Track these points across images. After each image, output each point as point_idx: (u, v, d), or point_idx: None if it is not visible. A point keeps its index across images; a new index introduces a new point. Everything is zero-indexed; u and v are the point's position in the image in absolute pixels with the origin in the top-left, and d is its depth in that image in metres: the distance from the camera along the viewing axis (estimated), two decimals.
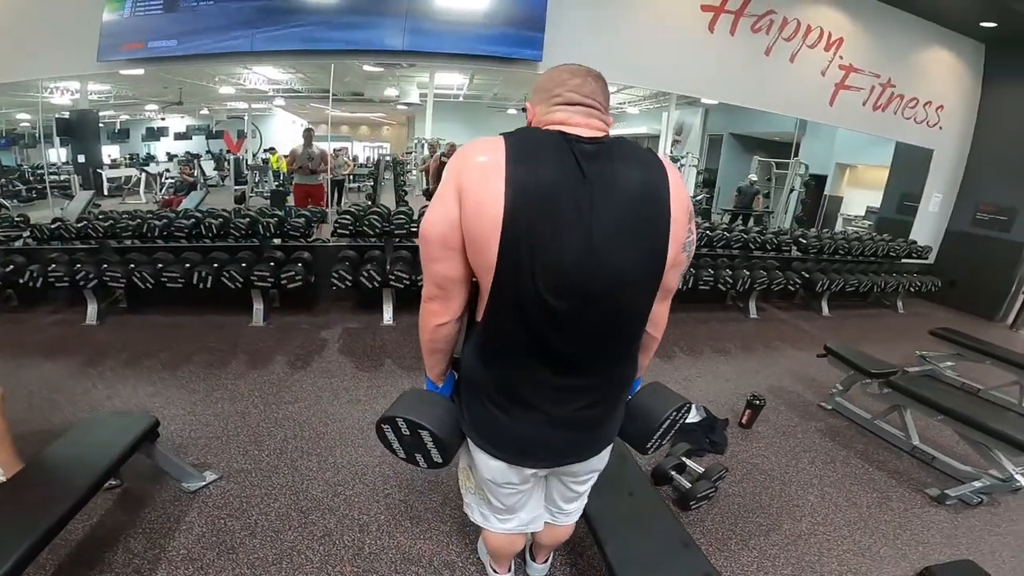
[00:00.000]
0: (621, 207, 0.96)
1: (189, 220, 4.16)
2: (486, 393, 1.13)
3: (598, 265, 0.96)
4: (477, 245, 0.96)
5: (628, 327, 1.10)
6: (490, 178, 0.93)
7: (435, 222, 1.00)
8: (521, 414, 1.11)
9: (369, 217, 4.17)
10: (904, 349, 4.50)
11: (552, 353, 1.05)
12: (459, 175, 0.96)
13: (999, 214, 5.91)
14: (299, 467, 2.38)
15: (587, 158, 0.96)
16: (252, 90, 10.09)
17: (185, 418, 2.71)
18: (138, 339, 3.65)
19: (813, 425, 3.10)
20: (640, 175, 1.00)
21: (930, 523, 2.33)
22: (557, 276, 0.95)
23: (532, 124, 1.09)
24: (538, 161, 0.95)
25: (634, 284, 1.02)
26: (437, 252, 1.02)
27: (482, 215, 0.93)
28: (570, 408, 1.12)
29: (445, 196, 0.98)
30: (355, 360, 3.52)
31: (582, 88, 1.04)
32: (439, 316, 1.10)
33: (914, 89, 5.89)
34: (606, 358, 1.11)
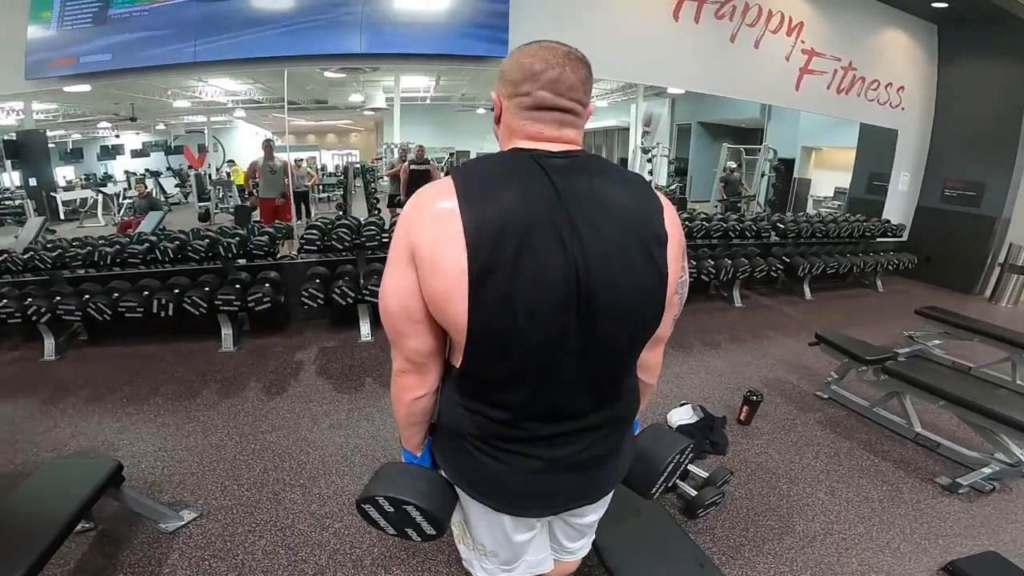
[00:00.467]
0: (607, 225, 0.81)
1: (143, 245, 3.89)
2: (472, 443, 0.97)
3: (589, 299, 0.81)
4: (441, 306, 0.82)
5: (625, 357, 0.95)
6: (443, 227, 0.78)
7: (392, 293, 0.86)
8: (515, 461, 0.96)
9: (337, 231, 3.98)
10: (890, 329, 4.51)
11: (543, 399, 0.90)
12: (408, 233, 0.82)
13: (967, 189, 6.03)
14: (283, 500, 2.23)
15: (559, 173, 0.81)
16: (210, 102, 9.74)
17: (156, 454, 2.55)
18: (101, 373, 3.44)
19: (812, 417, 3.04)
20: (626, 191, 0.85)
21: (945, 514, 2.26)
22: (543, 320, 0.80)
23: (500, 124, 0.93)
24: (498, 190, 0.79)
25: (631, 312, 0.87)
26: (402, 327, 0.88)
27: (441, 272, 0.79)
28: (569, 451, 0.97)
29: (398, 261, 0.84)
30: (333, 381, 3.33)
31: (558, 84, 0.85)
32: (414, 391, 0.96)
33: (874, 71, 5.98)
34: (604, 398, 0.97)
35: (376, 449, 2.60)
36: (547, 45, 0.88)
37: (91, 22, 3.97)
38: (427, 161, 6.43)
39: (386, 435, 2.71)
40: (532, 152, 0.84)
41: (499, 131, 0.95)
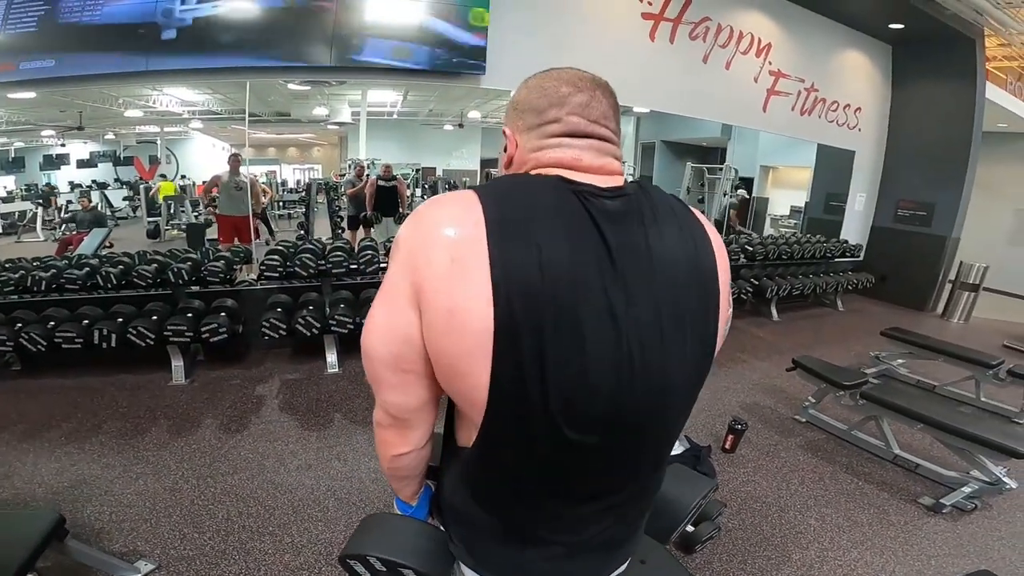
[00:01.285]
0: (662, 295, 0.67)
1: (82, 270, 3.54)
2: (485, 532, 0.83)
3: (637, 383, 0.66)
4: (453, 371, 0.66)
5: (668, 442, 0.83)
6: (465, 268, 0.61)
7: (382, 338, 0.70)
8: (532, 549, 0.82)
9: (301, 256, 3.74)
10: (854, 348, 4.63)
11: (572, 489, 0.76)
12: (413, 267, 0.65)
13: (919, 209, 6.30)
14: (251, 550, 2.03)
15: (611, 222, 0.65)
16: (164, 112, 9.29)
17: (102, 498, 2.30)
18: (36, 407, 3.11)
19: (794, 441, 3.03)
20: (681, 242, 0.70)
21: (933, 534, 2.28)
22: (582, 404, 0.65)
23: (513, 162, 0.78)
24: (539, 232, 0.62)
25: (681, 396, 0.74)
26: (387, 377, 0.72)
27: (458, 329, 0.62)
28: (591, 532, 0.83)
29: (395, 296, 0.67)
30: (299, 417, 3.10)
31: (590, 109, 0.72)
32: (397, 447, 0.82)
33: (835, 92, 6.16)
34: (639, 478, 0.83)
35: (351, 492, 2.40)
36: (568, 69, 0.76)
37: (35, 26, 3.66)
38: (395, 177, 6.28)
39: (361, 476, 2.52)
40: (577, 187, 0.67)
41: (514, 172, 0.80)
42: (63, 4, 3.61)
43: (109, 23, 3.63)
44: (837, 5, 5.63)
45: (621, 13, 4.80)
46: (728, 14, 5.26)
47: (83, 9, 3.62)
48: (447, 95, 10.04)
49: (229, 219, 5.12)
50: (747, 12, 5.38)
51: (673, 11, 4.96)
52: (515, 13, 4.32)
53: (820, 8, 5.71)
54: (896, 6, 5.37)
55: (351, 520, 2.21)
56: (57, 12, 3.62)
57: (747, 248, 5.51)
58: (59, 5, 3.61)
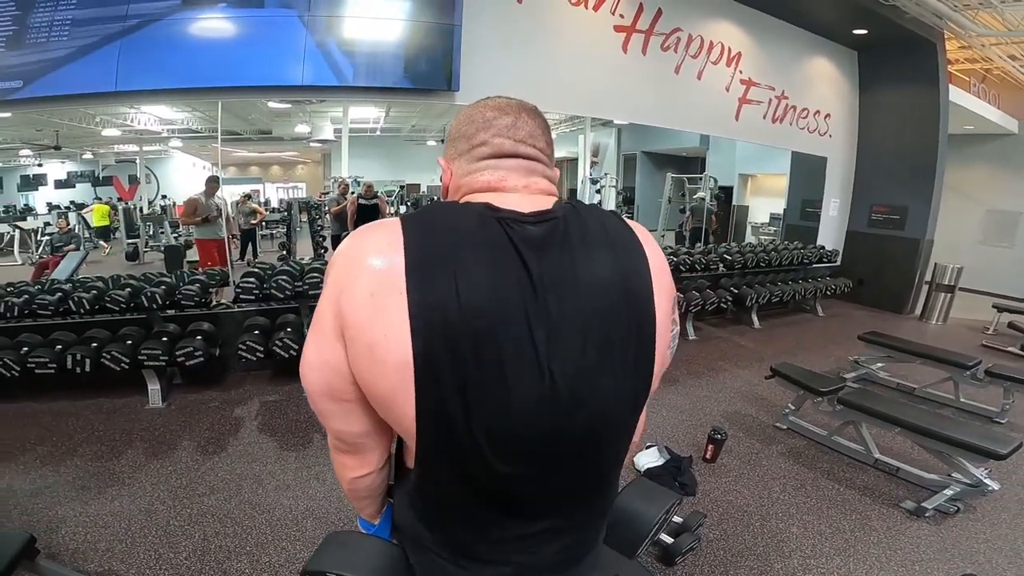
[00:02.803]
0: (590, 321, 0.66)
1: (55, 295, 3.48)
2: (435, 551, 0.82)
3: (563, 411, 0.66)
4: (381, 403, 0.67)
5: (609, 468, 0.82)
6: (384, 302, 0.61)
7: (315, 371, 0.70)
8: (481, 569, 0.81)
9: (277, 278, 3.70)
10: (835, 353, 4.68)
11: (513, 514, 0.76)
12: (338, 298, 0.65)
13: (892, 213, 6.41)
14: (228, 571, 2.01)
15: (535, 249, 0.65)
16: (142, 131, 9.22)
17: (77, 519, 2.29)
18: (9, 431, 3.08)
19: (775, 449, 3.04)
20: (612, 263, 0.70)
21: (917, 539, 2.28)
22: (507, 435, 0.66)
23: (449, 189, 0.79)
24: (458, 264, 0.62)
25: (614, 421, 0.73)
26: (327, 407, 0.73)
27: (379, 364, 0.63)
28: (541, 554, 0.82)
29: (323, 329, 0.68)
30: (278, 439, 3.06)
31: (515, 130, 0.75)
32: (353, 470, 0.83)
33: (805, 100, 6.27)
34: (582, 501, 0.83)
35: (330, 512, 2.37)
36: (496, 97, 0.80)
37: (3, 46, 3.62)
38: (376, 195, 6.25)
39: (340, 495, 2.48)
40: (501, 213, 0.68)
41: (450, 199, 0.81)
42: (31, 23, 3.57)
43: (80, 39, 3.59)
44: (803, 12, 5.76)
45: (594, 26, 4.86)
46: (698, 24, 5.36)
47: (50, 27, 3.58)
48: (429, 111, 10.09)
49: (208, 242, 5.04)
50: (717, 22, 5.49)
51: (644, 23, 5.05)
52: (488, 30, 4.37)
53: (787, 16, 5.84)
54: (858, 11, 5.50)
55: None
56: (24, 31, 3.58)
57: (726, 257, 5.57)
58: (26, 24, 3.57)
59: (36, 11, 3.58)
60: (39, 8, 3.58)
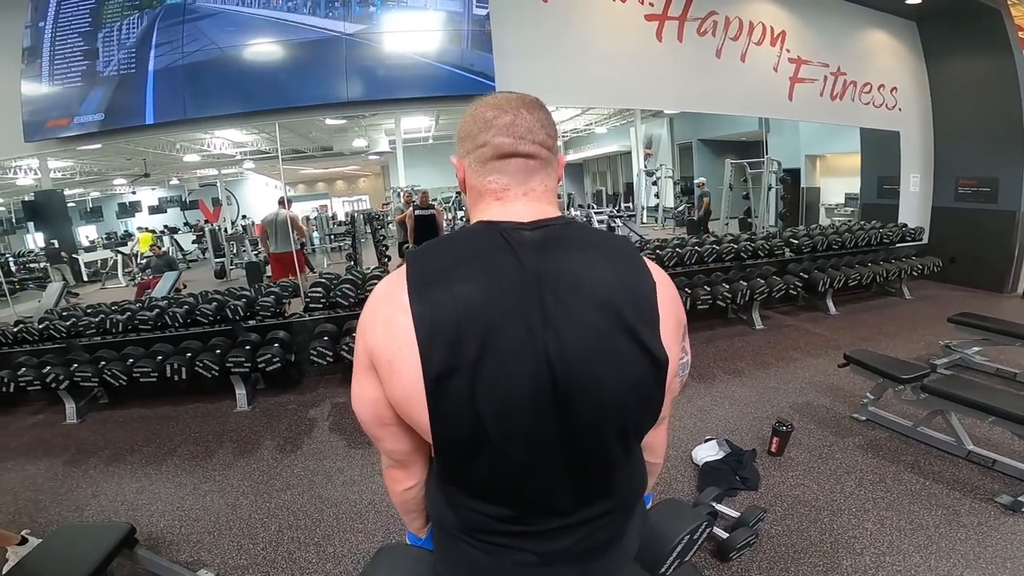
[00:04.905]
0: (587, 311, 0.69)
1: (152, 311, 3.93)
2: (458, 536, 0.87)
3: (568, 399, 0.69)
4: (404, 411, 0.75)
5: (618, 460, 0.83)
6: (394, 327, 0.70)
7: (360, 401, 0.81)
8: (505, 555, 0.84)
9: (341, 287, 3.96)
10: (925, 338, 4.32)
11: (524, 500, 0.80)
12: (364, 336, 0.76)
13: (981, 186, 5.86)
14: (297, 560, 2.19)
15: (532, 250, 0.71)
16: (219, 155, 9.97)
17: (174, 514, 2.57)
18: (120, 434, 3.50)
19: (851, 442, 2.86)
20: (610, 268, 0.73)
21: (1011, 535, 2.08)
22: (514, 427, 0.70)
23: (465, 185, 0.86)
24: (455, 277, 0.69)
25: (619, 412, 0.75)
26: (375, 432, 0.84)
27: (397, 377, 0.71)
28: (564, 544, 0.84)
29: (359, 367, 0.79)
30: (346, 438, 3.26)
31: (514, 128, 0.78)
32: (402, 483, 0.93)
33: (865, 74, 5.88)
34: (594, 494, 0.84)
35: (389, 505, 2.49)
36: (498, 94, 0.84)
37: (80, 80, 4.07)
38: (432, 206, 6.35)
39: None
40: (500, 225, 0.75)
41: (467, 200, 0.88)
42: (102, 58, 4.04)
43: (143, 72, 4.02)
44: None
45: (624, 18, 4.80)
46: (734, 6, 5.15)
47: (119, 62, 4.03)
48: None
49: (280, 256, 5.51)
50: (752, 2, 5.26)
51: (676, 9, 4.93)
52: (520, 30, 4.45)
53: None
54: None
55: (388, 531, 2.34)
56: (97, 66, 4.06)
57: (791, 241, 5.29)
58: (98, 60, 4.05)
59: (105, 47, 4.04)
60: (106, 44, 4.04)
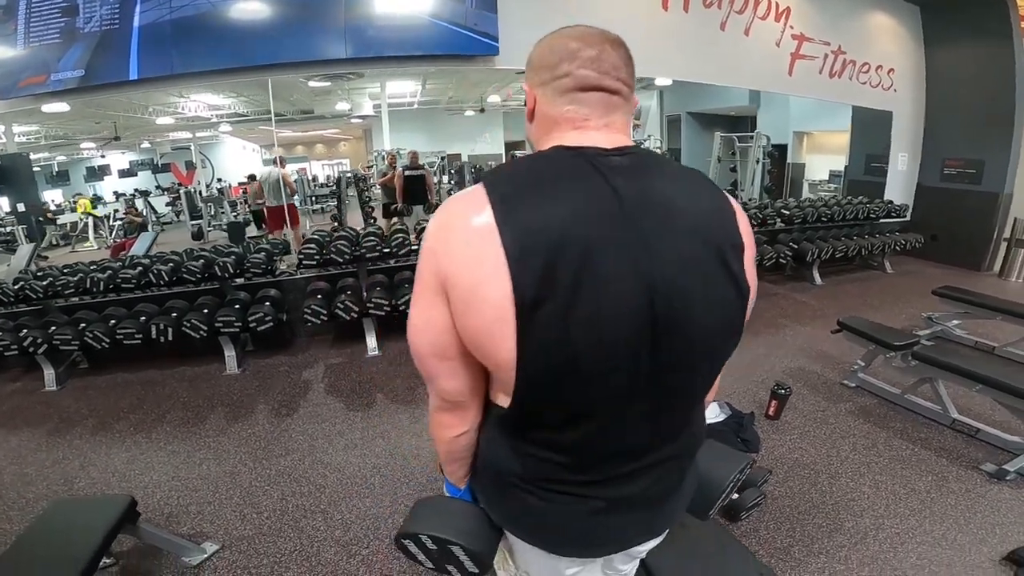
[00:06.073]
0: (682, 237, 0.68)
1: (135, 269, 3.74)
2: (521, 486, 0.84)
3: (666, 327, 0.67)
4: (482, 344, 0.69)
5: (697, 396, 0.83)
6: (478, 250, 0.64)
7: (421, 329, 0.74)
8: (573, 504, 0.83)
9: (336, 243, 3.84)
10: (905, 311, 4.44)
11: (604, 440, 0.77)
12: (436, 259, 0.69)
13: (967, 167, 6.02)
14: (304, 528, 2.13)
15: (621, 175, 0.67)
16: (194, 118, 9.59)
17: (170, 484, 2.46)
18: (104, 401, 3.34)
19: (843, 407, 2.94)
20: (695, 193, 0.72)
21: (996, 502, 2.17)
22: (610, 357, 0.67)
23: (535, 115, 0.80)
24: (545, 197, 0.65)
25: (708, 345, 0.74)
26: (433, 367, 0.77)
27: (479, 305, 0.65)
28: (632, 489, 0.84)
29: (425, 291, 0.72)
30: (344, 399, 3.21)
31: (600, 62, 0.73)
32: (454, 428, 0.85)
33: (864, 55, 5.97)
34: (672, 432, 0.84)
35: (395, 469, 2.48)
36: (579, 27, 0.78)
37: (59, 37, 3.80)
38: (421, 167, 6.29)
39: (404, 452, 2.60)
40: (582, 150, 0.71)
41: (533, 129, 0.82)
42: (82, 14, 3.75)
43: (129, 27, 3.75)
44: None
45: None
46: None
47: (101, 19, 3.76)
48: (465, 81, 9.99)
49: (273, 209, 5.89)
50: None
51: None
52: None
53: None
54: None
55: (396, 496, 2.29)
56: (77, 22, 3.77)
57: (783, 212, 5.34)
58: (77, 17, 3.76)
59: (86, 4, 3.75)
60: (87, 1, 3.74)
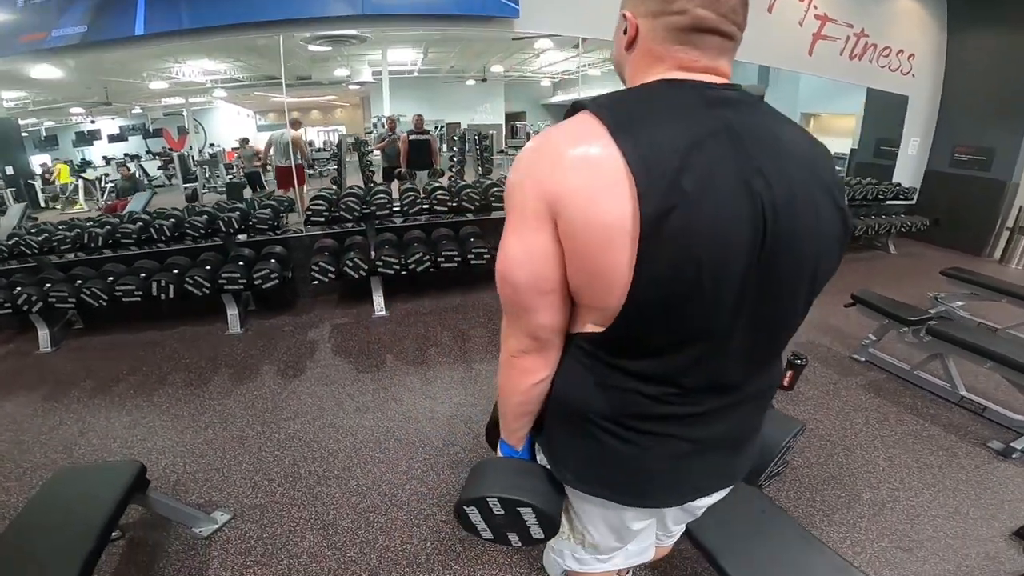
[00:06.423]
0: (791, 168, 0.67)
1: (136, 224, 3.62)
2: (601, 426, 0.80)
3: (774, 251, 0.66)
4: (592, 263, 0.66)
5: (794, 326, 0.80)
6: (596, 169, 0.62)
7: (521, 261, 0.70)
8: (657, 445, 0.79)
9: (345, 200, 3.75)
10: (909, 291, 4.43)
11: (703, 370, 0.74)
12: (542, 183, 0.65)
13: (977, 154, 6.04)
14: (319, 495, 2.07)
15: (730, 108, 0.66)
16: (188, 83, 9.31)
17: (175, 450, 2.35)
18: (102, 363, 3.22)
19: (854, 381, 2.95)
20: (800, 135, 0.72)
21: (1004, 479, 2.19)
22: (725, 275, 0.65)
23: (635, 47, 0.74)
24: (661, 119, 0.63)
25: (814, 267, 0.72)
26: (530, 301, 0.73)
27: (597, 221, 0.62)
28: (720, 429, 0.81)
29: (527, 220, 0.68)
30: (352, 360, 3.16)
31: (719, 3, 0.67)
32: (536, 373, 0.80)
33: (886, 39, 5.94)
34: (763, 365, 0.82)
35: (410, 433, 2.45)
36: None
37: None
38: (426, 131, 6.20)
39: (418, 416, 2.57)
40: (692, 83, 0.68)
41: (630, 59, 0.76)
42: None
43: None
44: None
45: None
46: None
47: None
48: (469, 50, 9.77)
49: (281, 168, 5.90)
50: None
51: None
52: None
53: None
54: None
55: (412, 461, 2.24)
56: None
57: None
58: None
59: None
60: None
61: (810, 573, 1.31)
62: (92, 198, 9.26)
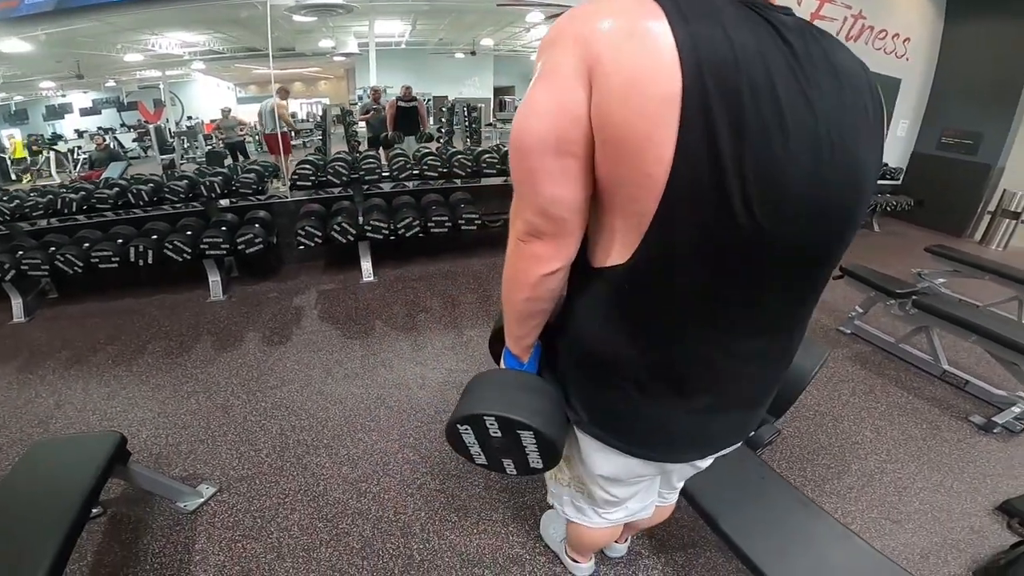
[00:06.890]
0: (845, 98, 0.64)
1: (112, 189, 3.48)
2: (628, 378, 0.75)
3: (832, 168, 0.63)
4: (628, 146, 0.59)
5: (838, 259, 0.76)
6: (646, 39, 0.56)
7: (545, 117, 0.61)
8: (680, 402, 0.76)
9: (333, 164, 3.65)
10: (893, 267, 4.46)
11: (748, 309, 0.70)
12: (584, 45, 0.58)
13: (964, 138, 6.14)
14: (308, 465, 2.00)
15: (788, 29, 0.62)
16: (164, 55, 9.01)
17: (156, 421, 2.25)
18: (78, 333, 3.09)
19: (841, 353, 2.99)
20: (855, 63, 0.69)
21: (986, 453, 2.23)
22: (781, 193, 0.60)
23: None
24: (723, 19, 0.58)
25: (866, 193, 0.69)
26: (546, 163, 0.64)
27: (639, 96, 0.56)
28: (746, 383, 0.78)
29: (560, 75, 0.60)
30: (340, 327, 3.09)
31: None
32: (547, 262, 0.71)
33: (883, 21, 5.96)
34: (805, 305, 0.78)
35: (400, 400, 2.40)
36: None
37: None
38: (415, 99, 6.21)
39: (408, 382, 2.53)
40: (749, 1, 0.63)
41: None
42: None
43: None
44: None
45: None
46: None
47: None
48: (458, 22, 9.55)
49: (268, 135, 6.09)
50: None
51: None
52: None
53: None
54: None
55: (404, 429, 2.20)
56: None
57: None
58: None
59: None
60: None
61: (812, 537, 1.32)
62: (64, 170, 8.96)
